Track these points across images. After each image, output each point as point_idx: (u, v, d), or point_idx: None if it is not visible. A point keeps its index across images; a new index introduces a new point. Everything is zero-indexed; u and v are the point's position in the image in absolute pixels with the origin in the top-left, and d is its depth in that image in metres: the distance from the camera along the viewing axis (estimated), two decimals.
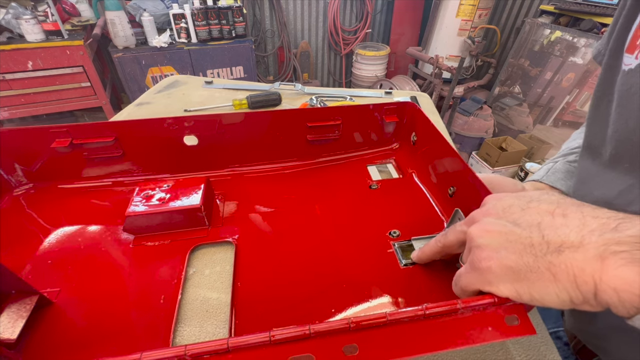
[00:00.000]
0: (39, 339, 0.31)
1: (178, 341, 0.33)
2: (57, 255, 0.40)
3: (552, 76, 2.07)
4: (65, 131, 0.46)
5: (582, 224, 0.22)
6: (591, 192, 0.37)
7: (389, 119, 0.57)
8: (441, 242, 0.33)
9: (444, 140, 0.46)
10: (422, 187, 0.52)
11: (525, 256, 0.23)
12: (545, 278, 0.22)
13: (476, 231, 0.27)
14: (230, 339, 0.22)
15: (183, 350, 0.21)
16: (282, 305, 0.35)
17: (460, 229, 0.30)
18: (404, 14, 2.92)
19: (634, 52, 0.32)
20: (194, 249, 0.42)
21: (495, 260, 0.24)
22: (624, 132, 0.33)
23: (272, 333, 0.22)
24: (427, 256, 0.36)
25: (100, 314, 0.34)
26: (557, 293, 0.22)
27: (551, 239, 0.22)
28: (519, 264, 0.23)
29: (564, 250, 0.21)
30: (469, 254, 0.27)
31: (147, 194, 0.43)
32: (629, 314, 0.20)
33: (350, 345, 0.22)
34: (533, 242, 0.23)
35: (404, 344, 0.23)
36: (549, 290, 0.22)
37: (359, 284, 0.37)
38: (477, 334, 0.23)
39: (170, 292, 0.36)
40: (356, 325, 0.23)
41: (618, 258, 0.19)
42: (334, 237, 0.44)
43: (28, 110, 1.86)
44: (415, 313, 0.24)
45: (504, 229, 0.25)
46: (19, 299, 0.32)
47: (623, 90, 0.33)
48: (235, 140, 0.53)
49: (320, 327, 0.22)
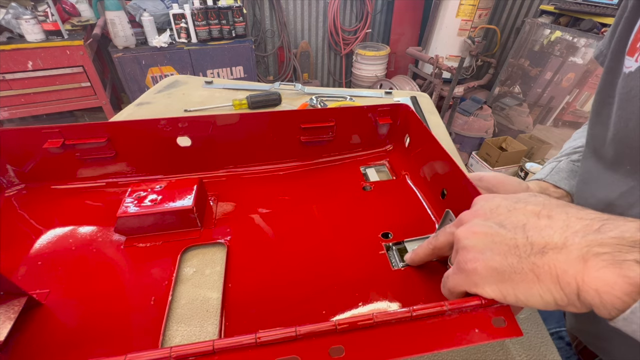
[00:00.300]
0: (27, 341, 0.31)
1: (167, 342, 0.33)
2: (47, 256, 0.40)
3: (552, 76, 2.06)
4: (57, 132, 0.46)
5: (566, 225, 0.22)
6: (593, 194, 0.37)
7: (382, 120, 0.57)
8: (432, 244, 0.33)
9: (437, 143, 0.46)
10: (415, 189, 0.52)
11: (510, 257, 0.23)
12: (529, 279, 0.22)
13: (463, 232, 0.27)
14: (215, 340, 0.22)
15: (168, 352, 0.21)
16: (273, 307, 0.35)
17: (450, 231, 0.30)
18: (404, 14, 2.92)
19: (634, 54, 0.32)
20: (185, 250, 0.42)
21: (480, 262, 0.24)
22: (624, 135, 0.33)
23: (258, 335, 0.22)
24: (420, 258, 0.36)
25: (90, 315, 0.34)
26: (540, 294, 0.22)
27: (535, 240, 0.22)
28: (503, 265, 0.23)
29: (547, 251, 0.22)
30: (456, 255, 0.27)
31: (139, 195, 0.43)
32: (610, 315, 0.20)
33: (336, 347, 0.22)
34: (518, 243, 0.23)
35: (391, 345, 0.23)
36: (532, 291, 0.22)
37: (352, 285, 0.37)
38: (464, 336, 0.23)
39: (160, 293, 0.36)
40: (343, 327, 0.23)
41: (600, 260, 0.20)
42: (326, 238, 0.43)
43: (28, 110, 1.86)
44: (402, 315, 0.24)
45: (489, 230, 0.25)
46: (7, 300, 0.31)
47: (623, 93, 0.33)
48: (229, 142, 0.52)
49: (307, 329, 0.22)
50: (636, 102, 0.31)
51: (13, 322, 0.30)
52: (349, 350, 0.22)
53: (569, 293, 0.21)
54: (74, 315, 0.34)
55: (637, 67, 0.31)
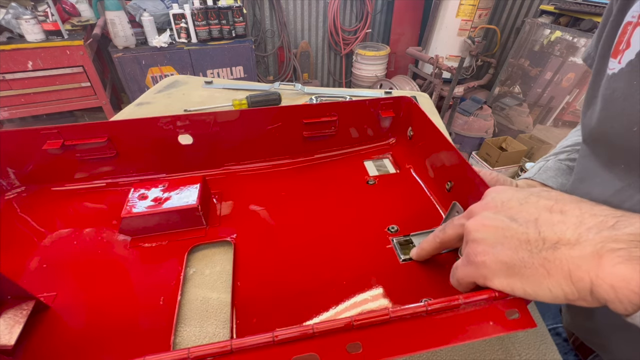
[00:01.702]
0: (36, 345, 0.31)
1: (178, 342, 0.32)
2: (52, 259, 0.39)
3: (552, 76, 2.07)
4: (56, 132, 0.45)
5: (580, 221, 0.22)
6: (589, 192, 0.38)
7: (385, 114, 0.57)
8: (439, 237, 0.33)
9: (441, 135, 0.45)
10: (419, 181, 0.52)
11: (521, 252, 0.23)
12: (539, 274, 0.22)
13: (473, 225, 0.27)
14: (233, 340, 0.22)
15: (186, 353, 0.21)
16: (282, 303, 0.35)
17: (459, 222, 0.30)
18: (404, 14, 2.92)
19: (617, 56, 0.32)
20: (192, 249, 0.41)
21: (490, 255, 0.24)
22: (611, 136, 0.33)
23: (276, 333, 0.22)
24: (426, 252, 0.36)
25: (98, 318, 0.33)
26: (550, 288, 0.22)
27: (547, 235, 0.22)
28: (513, 260, 0.23)
29: (560, 247, 0.22)
30: (466, 246, 0.27)
31: (143, 194, 0.43)
32: (627, 311, 0.20)
33: (354, 344, 0.22)
34: (529, 238, 0.23)
35: (407, 340, 0.23)
36: (542, 285, 0.22)
37: (359, 280, 0.37)
38: (478, 329, 0.23)
39: (169, 293, 0.36)
40: (359, 323, 0.23)
41: (615, 255, 0.19)
42: (332, 233, 0.43)
43: (28, 110, 1.86)
44: (417, 309, 0.23)
45: (500, 224, 0.25)
46: (16, 304, 0.31)
47: (607, 94, 0.33)
48: (231, 139, 0.52)
49: (324, 326, 0.22)
50: (619, 103, 0.31)
51: (22, 326, 0.30)
52: (366, 346, 0.22)
53: (581, 288, 0.21)
54: (82, 318, 0.33)
55: (619, 68, 0.31)
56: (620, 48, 0.32)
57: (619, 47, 0.32)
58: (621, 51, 0.31)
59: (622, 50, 0.31)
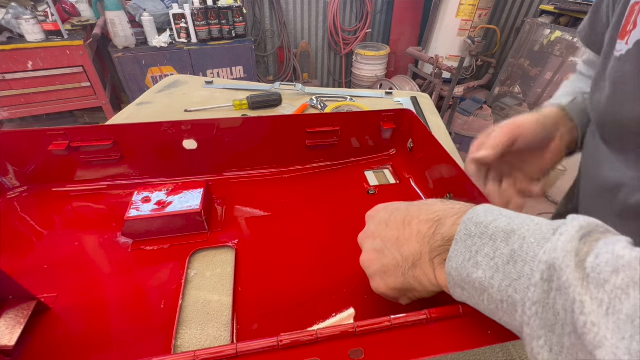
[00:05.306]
0: (36, 345, 0.31)
1: (180, 345, 0.33)
2: (53, 259, 0.39)
3: (552, 76, 2.07)
4: (62, 134, 0.45)
5: (418, 231, 0.27)
6: (606, 176, 0.37)
7: (386, 125, 0.58)
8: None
9: (441, 147, 0.46)
10: (419, 192, 0.52)
11: (400, 276, 0.28)
12: (417, 286, 0.28)
13: (363, 261, 0.32)
14: (238, 344, 0.22)
15: (192, 355, 0.21)
16: (283, 308, 0.35)
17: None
18: (404, 14, 2.92)
19: (624, 37, 0.32)
20: (193, 253, 0.42)
21: (384, 287, 0.30)
22: (622, 120, 0.33)
23: (280, 338, 0.22)
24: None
25: (99, 320, 0.34)
26: (427, 292, 0.28)
27: (406, 254, 0.28)
28: (399, 284, 0.28)
29: (416, 264, 0.27)
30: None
31: (147, 197, 0.43)
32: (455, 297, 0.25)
33: (356, 350, 0.23)
34: (398, 262, 0.28)
35: (408, 347, 0.23)
36: (422, 293, 0.28)
37: (358, 288, 0.37)
38: (478, 337, 0.24)
39: (170, 296, 0.36)
40: (362, 330, 0.23)
41: (436, 263, 0.26)
42: (332, 241, 0.44)
43: (28, 110, 1.86)
44: (418, 317, 0.24)
45: (376, 256, 0.30)
46: (17, 304, 0.31)
47: (616, 77, 0.33)
48: (235, 145, 0.52)
49: (327, 332, 0.23)
50: (630, 84, 0.31)
51: (23, 327, 0.30)
52: (368, 352, 0.22)
53: (438, 286, 0.26)
54: (83, 320, 0.33)
55: (627, 49, 0.31)
56: (627, 29, 0.32)
57: (626, 27, 0.32)
58: (628, 32, 0.31)
59: (630, 31, 0.31)
